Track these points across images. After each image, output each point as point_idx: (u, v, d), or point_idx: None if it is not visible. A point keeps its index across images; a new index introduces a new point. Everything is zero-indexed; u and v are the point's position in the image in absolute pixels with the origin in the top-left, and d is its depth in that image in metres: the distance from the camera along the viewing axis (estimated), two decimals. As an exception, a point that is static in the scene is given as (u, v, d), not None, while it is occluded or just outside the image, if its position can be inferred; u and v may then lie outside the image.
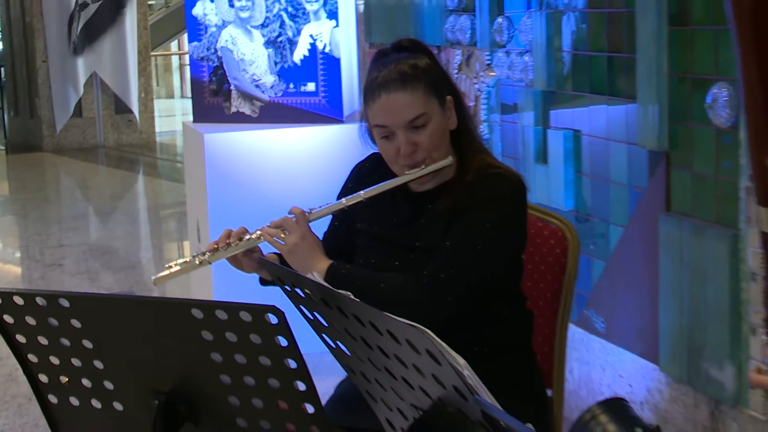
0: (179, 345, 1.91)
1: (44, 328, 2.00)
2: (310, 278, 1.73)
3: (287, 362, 1.82)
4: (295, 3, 5.53)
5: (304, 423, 1.90)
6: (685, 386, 3.71)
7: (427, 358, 1.50)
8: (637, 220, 3.87)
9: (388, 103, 2.65)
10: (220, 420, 1.97)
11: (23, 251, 8.30)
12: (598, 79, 4.06)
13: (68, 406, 2.10)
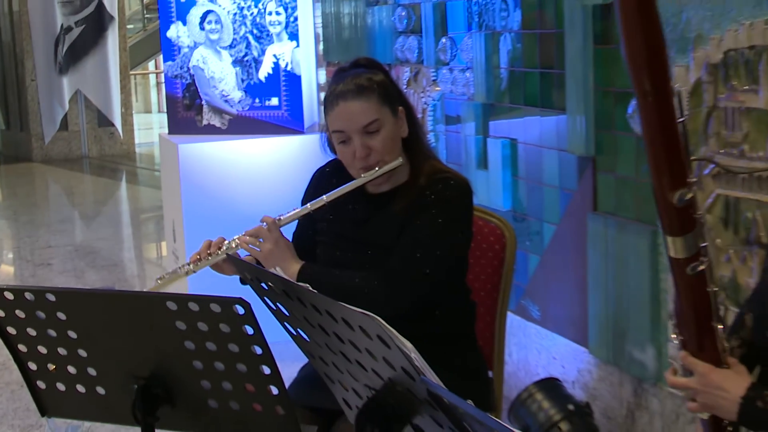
0: (156, 334, 1.91)
1: (32, 321, 2.00)
2: (272, 272, 1.73)
3: (253, 349, 1.83)
4: (259, 26, 5.52)
5: (270, 403, 1.91)
6: (611, 367, 3.73)
7: (378, 342, 1.50)
8: (567, 219, 3.88)
9: (345, 110, 2.65)
10: (194, 402, 1.98)
11: (15, 252, 8.24)
12: (532, 93, 4.07)
13: (55, 391, 2.09)
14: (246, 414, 1.94)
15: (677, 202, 1.72)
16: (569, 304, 3.92)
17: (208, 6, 5.61)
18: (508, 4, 4.11)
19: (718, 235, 3.10)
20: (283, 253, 2.67)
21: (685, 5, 3.12)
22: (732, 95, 2.98)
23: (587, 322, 3.78)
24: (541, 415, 3.66)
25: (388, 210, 2.73)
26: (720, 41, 2.99)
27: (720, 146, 3.05)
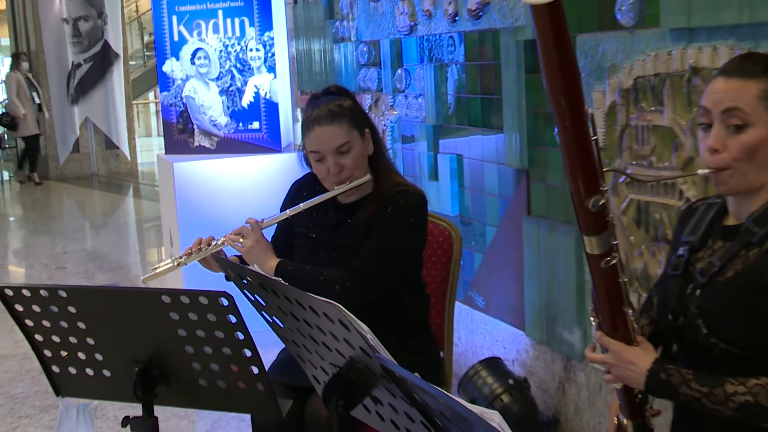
0: (153, 324, 1.90)
1: (47, 314, 1.99)
2: (250, 268, 1.73)
3: (237, 335, 1.82)
4: (242, 60, 5.52)
5: (251, 381, 1.91)
6: (544, 346, 3.75)
7: (339, 326, 1.50)
8: (506, 222, 3.89)
9: (320, 134, 2.65)
10: (186, 381, 1.97)
11: (34, 257, 8.17)
12: (475, 116, 4.08)
13: (67, 374, 2.08)
14: (231, 391, 1.94)
15: (592, 207, 1.72)
16: (508, 294, 3.93)
17: (198, 44, 5.60)
18: (454, 40, 4.13)
19: (632, 233, 3.13)
20: (262, 250, 2.67)
21: (601, 39, 3.14)
22: (641, 115, 3.01)
23: (524, 309, 3.80)
24: (485, 389, 3.68)
25: (356, 217, 2.72)
26: (630, 70, 3.02)
27: (632, 158, 3.08)
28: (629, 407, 1.98)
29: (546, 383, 3.77)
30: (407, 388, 1.35)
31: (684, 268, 1.90)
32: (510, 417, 3.60)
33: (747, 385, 1.72)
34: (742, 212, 1.85)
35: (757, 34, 2.52)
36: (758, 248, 1.79)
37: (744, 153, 1.76)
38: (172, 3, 5.64)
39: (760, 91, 1.75)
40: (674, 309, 1.89)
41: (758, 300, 1.76)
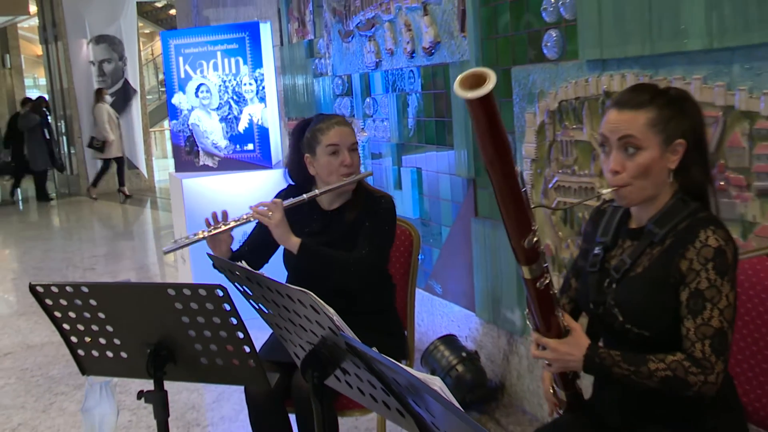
0: (161, 313, 1.88)
1: (72, 307, 1.97)
2: (238, 264, 1.72)
3: (231, 320, 1.81)
4: (238, 93, 5.50)
5: (244, 359, 1.89)
6: (491, 325, 3.75)
7: (311, 310, 1.49)
8: (458, 223, 3.90)
9: (340, 131, 2.66)
10: (190, 360, 1.95)
11: (68, 261, 8.11)
12: (431, 136, 4.08)
13: (91, 357, 2.06)
14: (228, 367, 1.92)
15: (526, 245, 1.71)
16: (461, 282, 3.93)
17: (201, 80, 5.58)
18: (413, 73, 4.13)
19: (560, 229, 3.15)
20: (285, 226, 2.60)
21: (531, 70, 3.15)
22: (565, 132, 3.03)
23: (474, 294, 3.80)
24: (443, 361, 3.68)
25: (341, 220, 2.72)
26: (555, 95, 3.03)
27: (558, 167, 3.10)
28: (563, 382, 1.98)
29: (493, 355, 3.78)
30: (367, 360, 1.34)
31: (600, 266, 1.90)
32: (464, 383, 3.60)
33: (666, 361, 1.72)
34: (643, 217, 1.85)
35: (656, 64, 2.55)
36: (660, 246, 1.79)
37: (640, 172, 1.76)
38: (178, 46, 5.62)
39: (648, 120, 1.75)
40: (594, 300, 1.89)
41: (663, 291, 1.76)
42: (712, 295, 1.70)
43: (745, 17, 2.20)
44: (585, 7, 2.79)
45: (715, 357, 1.70)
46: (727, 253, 1.71)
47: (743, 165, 2.29)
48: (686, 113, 1.78)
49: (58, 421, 3.90)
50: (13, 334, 5.42)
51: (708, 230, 1.72)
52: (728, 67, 2.29)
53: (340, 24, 4.87)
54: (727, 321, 1.71)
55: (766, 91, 2.19)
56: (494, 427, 3.46)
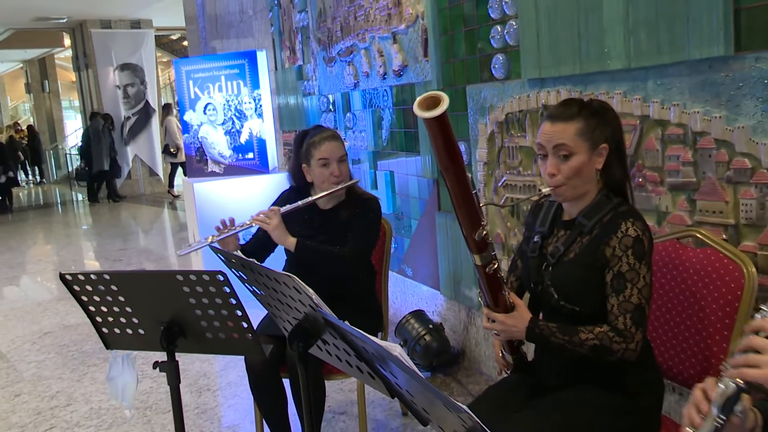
0: (171, 295, 1.85)
1: (97, 291, 1.94)
2: (234, 254, 1.70)
3: (231, 301, 1.78)
4: (239, 110, 5.47)
5: (243, 333, 1.87)
6: (453, 301, 3.75)
7: (294, 291, 1.48)
8: (425, 216, 3.89)
9: (330, 146, 2.64)
10: (197, 335, 1.92)
11: (99, 254, 8.05)
12: (401, 144, 4.07)
13: (114, 333, 2.03)
14: (229, 340, 1.89)
15: (477, 238, 1.71)
16: (428, 266, 3.93)
17: (208, 100, 5.54)
18: (387, 93, 4.12)
19: (508, 220, 3.15)
20: (283, 229, 2.60)
21: (483, 88, 3.15)
22: (511, 139, 3.03)
23: (439, 275, 3.80)
24: (413, 332, 3.67)
25: (336, 217, 2.70)
26: (503, 108, 3.03)
27: (506, 169, 3.10)
28: (510, 348, 1.98)
29: (455, 326, 3.78)
30: (340, 331, 1.34)
31: (539, 251, 1.90)
32: (431, 350, 3.60)
33: (594, 332, 1.72)
34: (573, 210, 1.85)
35: (584, 81, 2.55)
36: (588, 235, 1.79)
37: (572, 174, 1.76)
38: (189, 71, 5.57)
39: (577, 130, 1.75)
40: (534, 281, 1.89)
41: (591, 273, 1.76)
42: (632, 277, 1.71)
43: (657, 42, 2.20)
44: (526, 35, 2.79)
45: (635, 328, 1.71)
46: (644, 241, 1.72)
47: (657, 164, 2.30)
48: (607, 121, 1.78)
49: (90, 389, 3.86)
50: (52, 316, 5.36)
51: (628, 222, 1.73)
52: (644, 83, 2.30)
53: (324, 51, 4.84)
54: (645, 298, 1.71)
55: (675, 103, 2.20)
56: (456, 387, 3.46)
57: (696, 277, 1.95)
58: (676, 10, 2.12)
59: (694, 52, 2.08)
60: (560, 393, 1.81)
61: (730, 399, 1.11)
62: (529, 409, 1.79)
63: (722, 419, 1.11)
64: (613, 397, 1.75)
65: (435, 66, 3.50)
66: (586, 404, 1.74)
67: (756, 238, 2.00)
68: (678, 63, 2.15)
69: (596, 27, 2.43)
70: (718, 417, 1.11)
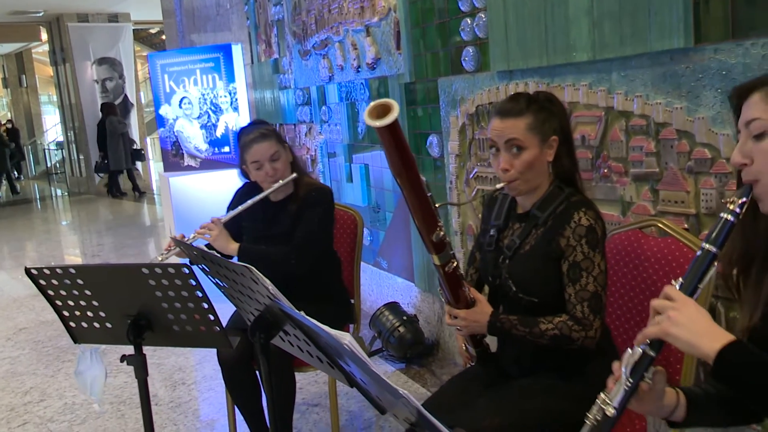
0: (138, 288, 1.84)
1: (63, 285, 1.93)
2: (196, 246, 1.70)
3: (197, 293, 1.77)
4: (215, 104, 5.44)
5: (210, 325, 1.86)
6: (427, 293, 3.76)
7: (253, 283, 1.48)
8: (399, 208, 3.90)
9: (258, 149, 2.59)
10: (164, 328, 1.92)
11: (80, 248, 8.00)
12: (374, 137, 4.05)
13: (81, 327, 2.02)
14: (196, 333, 1.88)
15: (435, 239, 1.71)
16: (403, 258, 3.94)
17: (184, 94, 5.50)
18: (363, 86, 4.13)
19: (479, 212, 3.17)
20: (225, 238, 2.59)
21: (454, 80, 3.16)
22: (481, 131, 3.05)
23: (413, 268, 3.82)
24: (388, 323, 3.69)
25: (286, 210, 2.68)
26: (473, 101, 3.05)
27: (477, 161, 3.12)
28: (473, 342, 1.99)
29: (429, 318, 3.79)
30: (296, 322, 1.34)
31: (495, 245, 1.90)
32: (405, 342, 3.62)
33: (553, 322, 1.74)
34: (527, 203, 1.86)
35: (551, 73, 2.57)
36: (543, 227, 1.80)
37: (525, 168, 1.77)
38: (164, 65, 5.53)
39: (526, 125, 1.76)
40: (492, 274, 1.90)
41: (547, 265, 1.78)
42: (587, 265, 1.73)
43: (621, 34, 2.23)
44: (494, 28, 2.80)
45: (593, 316, 1.73)
46: (597, 230, 1.74)
47: (622, 155, 2.33)
48: (555, 113, 1.80)
49: (64, 384, 3.84)
50: (27, 312, 5.32)
51: (580, 212, 1.75)
52: (608, 75, 2.32)
53: (299, 45, 4.83)
54: (600, 285, 1.73)
55: (638, 94, 2.22)
56: (430, 378, 3.47)
57: (657, 266, 1.97)
58: (639, 3, 2.14)
59: (656, 44, 2.10)
60: (521, 381, 1.83)
61: (638, 363, 1.17)
62: (490, 396, 1.81)
63: (631, 382, 1.16)
64: (572, 384, 1.77)
65: (407, 58, 3.51)
66: (545, 391, 1.77)
67: (716, 227, 2.03)
68: (640, 55, 2.18)
69: (562, 19, 2.45)
70: (627, 381, 1.17)
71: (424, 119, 3.52)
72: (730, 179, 1.98)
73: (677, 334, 1.12)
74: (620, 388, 1.18)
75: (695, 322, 1.13)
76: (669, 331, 1.13)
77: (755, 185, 1.20)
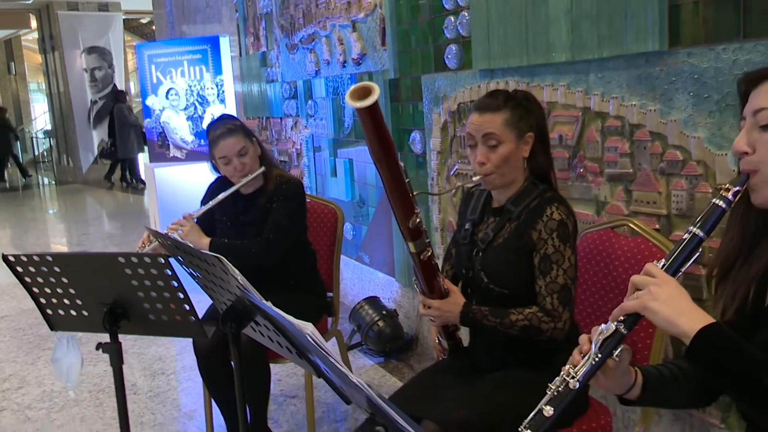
0: (115, 277, 1.85)
1: (40, 273, 1.93)
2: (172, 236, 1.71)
3: (172, 283, 1.77)
4: (202, 96, 5.44)
5: (185, 315, 1.86)
6: (408, 288, 3.79)
7: (224, 273, 1.50)
8: (381, 204, 3.92)
9: (225, 145, 2.60)
10: (140, 317, 1.92)
11: (66, 237, 7.97)
12: (359, 132, 4.09)
13: (58, 315, 2.02)
14: (171, 322, 1.89)
15: (411, 225, 1.73)
16: (384, 253, 3.96)
17: (171, 85, 5.51)
18: (351, 81, 4.13)
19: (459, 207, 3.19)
20: (197, 233, 2.60)
21: (437, 78, 3.18)
22: (462, 129, 3.07)
23: (394, 263, 3.84)
24: (367, 317, 3.71)
25: (256, 203, 2.68)
26: (455, 98, 3.07)
27: (458, 158, 3.14)
28: (446, 334, 2.02)
29: (409, 313, 3.82)
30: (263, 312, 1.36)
31: (470, 238, 1.94)
32: (384, 336, 3.64)
33: (524, 313, 1.77)
34: (502, 197, 1.89)
35: (531, 73, 2.60)
36: (516, 221, 1.84)
37: (501, 162, 1.81)
38: (151, 56, 5.53)
39: (504, 120, 1.80)
40: (465, 266, 1.93)
41: (519, 257, 1.81)
42: (557, 258, 1.76)
43: (598, 36, 2.25)
44: (477, 26, 2.82)
45: (562, 307, 1.76)
46: (568, 225, 1.77)
47: (597, 155, 2.35)
48: (531, 111, 1.83)
49: (44, 372, 3.84)
50: (9, 300, 5.31)
51: (552, 207, 1.78)
52: (586, 76, 2.35)
53: (287, 38, 4.84)
54: (570, 278, 1.77)
55: (614, 95, 2.25)
56: (408, 372, 3.50)
57: (627, 265, 2.01)
58: (616, 5, 2.17)
59: (632, 46, 2.13)
60: (491, 374, 1.86)
61: (608, 339, 1.17)
62: (459, 389, 1.83)
63: (599, 357, 1.17)
64: (542, 378, 1.80)
65: (392, 55, 3.53)
66: (515, 384, 1.79)
67: (686, 228, 2.06)
68: (617, 57, 2.21)
69: (542, 20, 2.48)
70: (596, 355, 1.17)
71: (407, 116, 3.54)
72: (701, 181, 2.01)
73: (657, 308, 1.11)
74: (587, 362, 1.18)
75: (676, 300, 1.12)
76: (648, 305, 1.12)
77: (753, 175, 1.18)
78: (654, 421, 2.26)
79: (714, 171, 1.96)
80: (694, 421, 2.15)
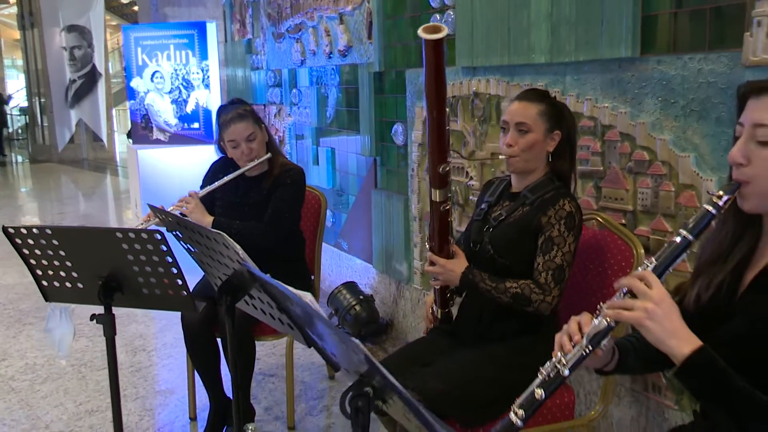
0: (111, 251, 1.91)
1: (38, 246, 2.00)
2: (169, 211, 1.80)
3: (167, 259, 1.84)
4: (187, 80, 5.50)
5: (178, 290, 1.92)
6: (385, 275, 3.89)
7: (224, 247, 1.59)
8: (362, 192, 4.01)
9: (236, 129, 2.70)
10: (134, 290, 1.97)
11: (40, 217, 7.94)
12: (342, 122, 4.19)
13: (53, 286, 2.08)
14: (164, 296, 1.96)
15: (441, 171, 1.88)
16: (363, 240, 4.06)
17: (156, 68, 5.55)
18: (334, 71, 4.23)
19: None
20: (201, 211, 2.71)
21: (420, 73, 3.27)
22: (444, 123, 3.18)
23: (372, 250, 3.94)
24: (345, 302, 3.81)
25: (260, 186, 2.79)
26: (438, 93, 3.17)
27: (439, 151, 3.26)
28: (442, 300, 2.14)
29: (385, 298, 3.92)
30: (262, 282, 1.46)
31: (484, 216, 2.09)
32: (360, 320, 3.75)
33: (518, 282, 1.93)
34: (521, 185, 2.06)
35: (512, 72, 2.72)
36: (530, 207, 1.99)
37: (527, 147, 1.98)
38: (137, 38, 5.57)
39: (538, 111, 1.98)
40: (474, 240, 2.07)
41: (525, 235, 1.96)
42: (559, 242, 1.91)
43: (576, 41, 2.38)
44: (461, 25, 2.94)
45: (554, 284, 1.90)
46: (576, 218, 1.94)
47: (571, 153, 2.49)
48: (564, 116, 2.02)
49: (26, 345, 3.91)
50: (-12, 275, 5.35)
51: (566, 200, 1.95)
52: (563, 78, 2.49)
53: (273, 27, 4.92)
54: (567, 261, 1.92)
55: (588, 97, 2.39)
56: (383, 355, 3.62)
57: (593, 256, 2.15)
58: (593, 12, 2.31)
59: (606, 52, 2.27)
60: (472, 350, 1.99)
61: (600, 333, 1.26)
62: (438, 364, 1.96)
63: (589, 349, 1.26)
64: (521, 357, 1.94)
65: (378, 49, 3.63)
66: (494, 361, 1.93)
67: (650, 223, 2.21)
68: (593, 61, 2.34)
69: (524, 22, 2.60)
70: (586, 347, 1.26)
71: (391, 108, 3.65)
72: (664, 180, 2.16)
73: (651, 328, 1.17)
74: (578, 353, 1.26)
75: (668, 320, 1.17)
76: (644, 324, 1.19)
77: (745, 185, 1.21)
78: (614, 403, 2.41)
79: (677, 171, 2.10)
80: (650, 403, 2.30)
